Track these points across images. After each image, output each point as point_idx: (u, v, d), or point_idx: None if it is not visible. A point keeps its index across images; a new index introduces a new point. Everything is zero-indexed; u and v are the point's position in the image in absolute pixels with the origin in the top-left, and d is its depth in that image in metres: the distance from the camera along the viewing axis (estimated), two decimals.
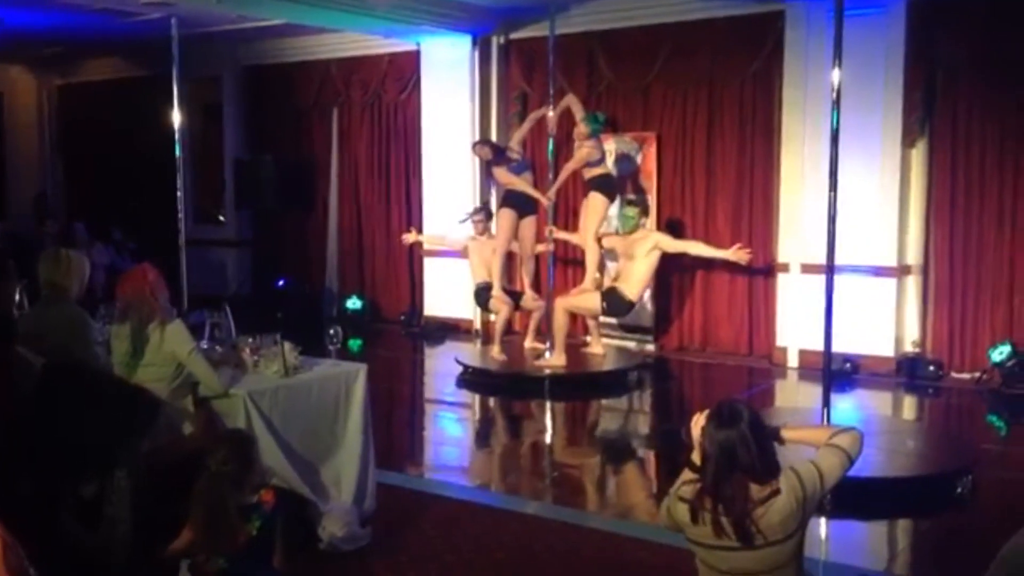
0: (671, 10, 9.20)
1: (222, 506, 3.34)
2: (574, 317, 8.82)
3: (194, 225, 11.49)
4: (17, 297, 6.43)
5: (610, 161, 9.08)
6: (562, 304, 8.28)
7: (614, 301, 8.11)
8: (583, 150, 8.31)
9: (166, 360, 4.39)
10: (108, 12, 9.73)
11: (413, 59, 10.90)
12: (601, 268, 8.64)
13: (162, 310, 4.41)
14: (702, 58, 9.18)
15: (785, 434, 2.95)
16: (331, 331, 5.77)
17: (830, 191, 5.58)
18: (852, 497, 4.52)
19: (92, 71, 13.79)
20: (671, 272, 9.51)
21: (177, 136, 8.09)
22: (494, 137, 10.31)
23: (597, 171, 8.42)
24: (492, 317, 9.39)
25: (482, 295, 9.00)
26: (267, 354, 4.56)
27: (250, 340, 4.62)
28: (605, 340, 8.99)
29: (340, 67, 11.61)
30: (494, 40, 10.47)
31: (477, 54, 10.43)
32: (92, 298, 5.53)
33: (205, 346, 4.72)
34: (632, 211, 8.39)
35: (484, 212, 9.32)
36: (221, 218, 12.86)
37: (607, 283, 8.41)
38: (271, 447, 4.21)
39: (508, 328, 8.99)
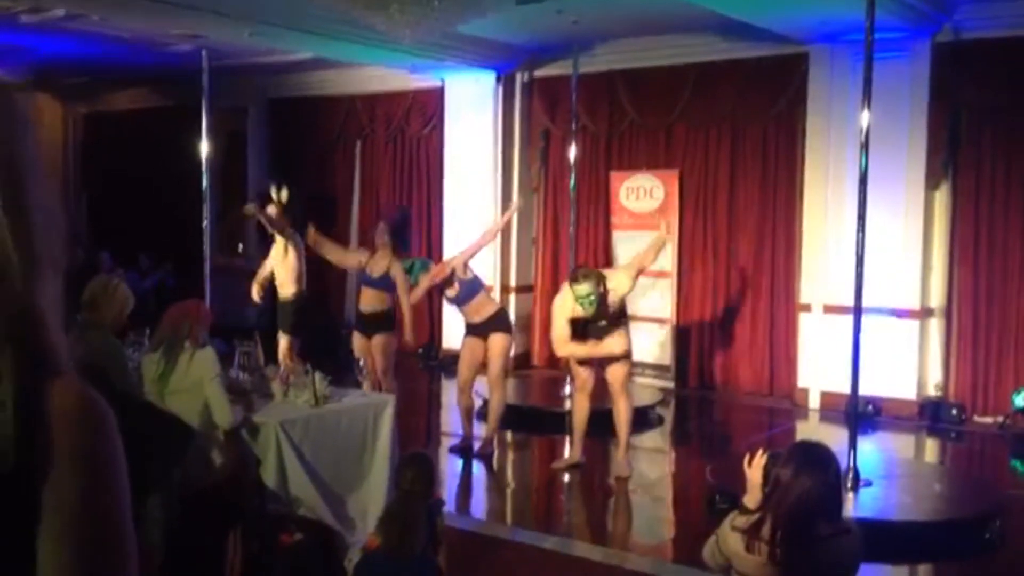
0: (695, 50, 9.28)
1: (414, 520, 3.56)
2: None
3: (215, 253, 11.56)
4: None
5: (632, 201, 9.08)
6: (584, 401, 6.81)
7: None
8: None
9: (193, 386, 4.41)
10: (140, 42, 9.89)
11: (437, 95, 11.01)
12: None
13: (195, 339, 4.44)
14: (725, 98, 9.24)
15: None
16: (360, 362, 5.83)
17: (858, 232, 5.59)
18: (882, 542, 4.48)
19: (118, 100, 13.96)
20: (691, 311, 9.53)
21: (204, 166, 8.18)
22: (516, 173, 10.47)
23: None
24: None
25: None
26: (297, 383, 4.58)
27: (280, 370, 4.64)
28: None
29: (364, 102, 11.74)
30: (518, 77, 10.57)
31: (501, 91, 10.53)
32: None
33: (235, 375, 4.73)
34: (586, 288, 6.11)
35: None
36: (240, 247, 12.93)
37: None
38: (301, 478, 4.22)
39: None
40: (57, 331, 1.03)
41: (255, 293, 8.05)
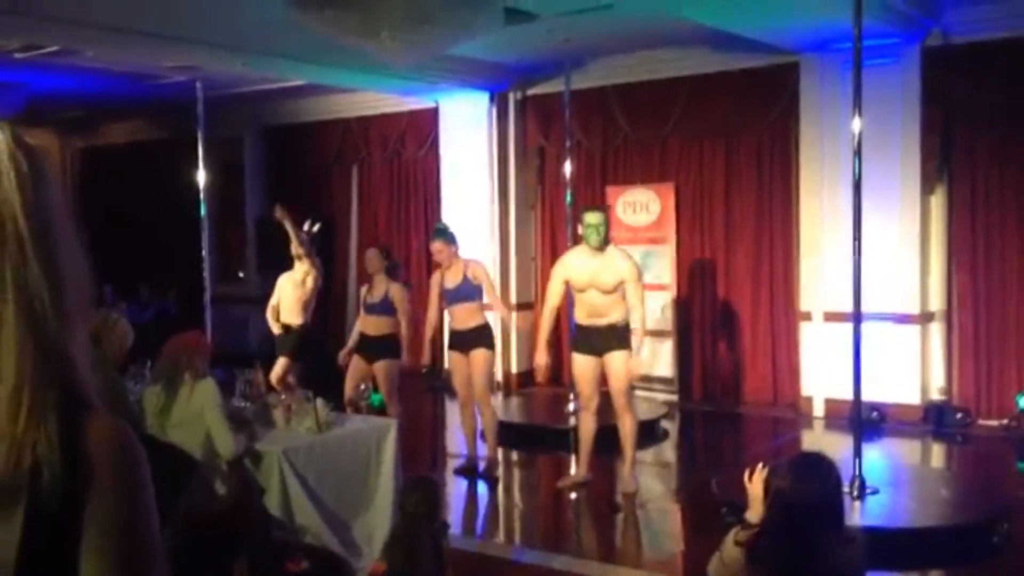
0: (686, 64, 9.32)
1: (419, 543, 3.61)
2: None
3: (215, 282, 11.60)
4: None
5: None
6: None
7: None
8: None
9: (195, 418, 4.42)
10: (133, 75, 9.94)
11: (431, 116, 11.05)
12: None
13: (195, 371, 4.45)
14: (718, 110, 9.28)
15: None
16: (361, 386, 5.86)
17: (854, 239, 5.60)
18: (889, 549, 4.47)
19: (114, 134, 14.03)
20: (692, 322, 9.54)
21: (202, 196, 8.24)
22: (512, 192, 10.51)
23: None
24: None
25: None
26: (300, 410, 4.58)
27: (282, 398, 4.65)
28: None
29: (360, 125, 11.80)
30: (511, 96, 10.62)
31: (495, 110, 10.57)
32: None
33: (237, 404, 4.74)
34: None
35: None
36: (240, 275, 12.97)
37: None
38: (305, 505, 4.22)
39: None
40: (88, 372, 1.13)
41: (275, 327, 7.92)
